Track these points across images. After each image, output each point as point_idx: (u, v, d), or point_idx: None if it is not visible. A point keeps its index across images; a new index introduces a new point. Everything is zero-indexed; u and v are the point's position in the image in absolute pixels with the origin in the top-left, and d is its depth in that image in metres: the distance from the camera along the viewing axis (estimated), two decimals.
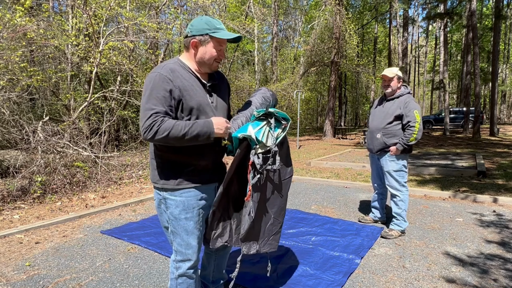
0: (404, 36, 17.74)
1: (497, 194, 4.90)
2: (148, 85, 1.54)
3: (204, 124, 1.54)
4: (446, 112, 17.58)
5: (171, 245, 1.78)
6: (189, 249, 1.69)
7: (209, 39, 1.60)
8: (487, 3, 27.46)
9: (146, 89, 1.53)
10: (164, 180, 1.63)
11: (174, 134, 1.47)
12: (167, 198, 1.65)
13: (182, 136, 1.48)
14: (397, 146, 3.24)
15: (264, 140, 1.72)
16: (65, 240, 3.25)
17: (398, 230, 3.29)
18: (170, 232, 1.72)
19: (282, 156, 1.90)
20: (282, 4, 24.35)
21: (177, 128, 1.48)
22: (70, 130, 6.13)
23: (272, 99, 1.96)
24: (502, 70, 31.42)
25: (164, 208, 1.68)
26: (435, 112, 37.88)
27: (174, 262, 1.75)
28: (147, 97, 1.51)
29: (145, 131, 1.46)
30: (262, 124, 1.75)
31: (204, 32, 1.59)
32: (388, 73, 3.31)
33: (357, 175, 6.59)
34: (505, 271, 2.56)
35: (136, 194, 5.10)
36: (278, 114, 1.81)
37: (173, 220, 1.67)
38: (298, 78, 17.42)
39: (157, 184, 1.66)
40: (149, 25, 7.65)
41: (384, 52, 32.61)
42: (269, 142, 1.75)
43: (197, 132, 1.52)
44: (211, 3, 11.32)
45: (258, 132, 1.71)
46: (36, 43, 6.79)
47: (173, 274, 1.77)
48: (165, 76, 1.54)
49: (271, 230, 1.94)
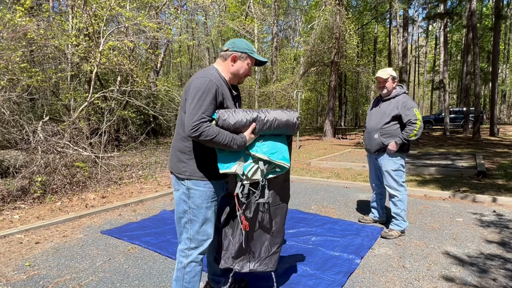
0: (404, 36, 17.74)
1: (497, 194, 4.90)
2: (200, 88, 1.72)
3: (241, 140, 1.78)
4: (446, 112, 17.58)
5: (179, 236, 1.89)
6: (204, 236, 1.86)
7: (246, 57, 1.90)
8: (487, 3, 27.45)
9: (198, 91, 1.71)
10: (190, 171, 1.81)
11: (217, 141, 1.70)
12: (191, 188, 1.81)
13: (223, 145, 1.72)
14: (396, 140, 3.23)
15: (250, 174, 1.83)
16: (65, 240, 3.26)
17: (398, 230, 3.29)
18: (187, 221, 1.84)
19: (275, 189, 1.96)
20: (282, 4, 24.35)
21: (220, 136, 1.71)
22: (70, 130, 6.13)
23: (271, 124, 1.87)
24: (502, 70, 31.42)
25: (186, 198, 1.83)
26: (435, 112, 37.89)
27: (185, 251, 1.85)
28: (198, 99, 1.70)
29: (192, 129, 1.66)
30: (251, 162, 1.86)
31: (243, 50, 1.89)
32: (382, 75, 3.30)
33: (357, 175, 6.59)
34: (504, 271, 2.56)
35: (136, 194, 5.10)
36: (272, 158, 1.85)
37: (194, 209, 1.83)
38: (298, 78, 17.41)
39: (182, 175, 1.82)
40: (149, 25, 7.65)
41: (384, 52, 32.60)
42: (256, 176, 1.85)
43: (235, 146, 1.75)
44: (211, 3, 11.33)
45: (246, 166, 1.83)
46: (36, 43, 6.80)
47: (181, 264, 1.85)
48: (214, 82, 1.76)
49: (267, 251, 2.01)
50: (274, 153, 1.87)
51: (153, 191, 5.34)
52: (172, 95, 8.62)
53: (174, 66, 25.09)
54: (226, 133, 1.73)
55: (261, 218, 1.97)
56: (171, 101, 9.10)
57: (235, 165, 1.80)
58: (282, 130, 1.90)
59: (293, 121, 1.90)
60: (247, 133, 1.81)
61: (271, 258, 2.02)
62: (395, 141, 3.24)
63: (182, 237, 1.88)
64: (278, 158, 1.86)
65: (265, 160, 1.86)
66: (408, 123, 3.20)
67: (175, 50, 25.81)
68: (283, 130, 1.90)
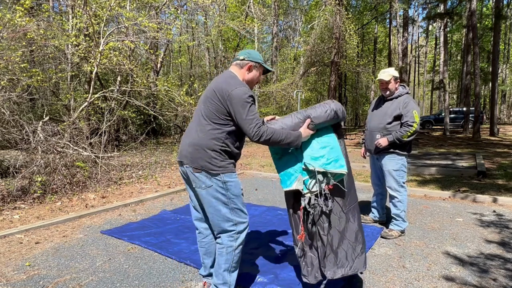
0: (404, 36, 17.73)
1: (497, 194, 4.91)
2: (244, 98, 1.90)
3: (296, 135, 1.98)
4: (446, 112, 17.58)
5: (217, 227, 2.02)
6: (245, 217, 2.07)
7: (259, 66, 2.13)
8: (487, 3, 27.45)
9: (244, 101, 1.90)
10: (224, 166, 1.98)
11: (275, 138, 1.92)
12: (227, 181, 1.97)
13: (281, 141, 1.93)
14: (389, 137, 3.20)
15: (311, 187, 1.99)
16: (65, 240, 3.26)
17: (398, 230, 3.29)
18: (230, 210, 2.00)
19: (341, 193, 2.09)
20: (282, 4, 24.34)
21: (277, 134, 1.93)
22: (70, 130, 6.13)
23: (330, 114, 2.07)
24: (502, 70, 31.40)
25: (224, 191, 1.98)
26: (435, 112, 37.86)
27: (234, 235, 2.02)
28: (248, 108, 1.90)
29: (254, 135, 1.89)
30: (309, 178, 2.00)
31: (258, 61, 2.11)
32: (384, 77, 3.26)
33: (357, 175, 6.59)
34: (504, 271, 2.56)
35: (136, 194, 5.10)
36: (328, 169, 1.98)
37: (234, 198, 2.01)
38: (298, 78, 17.41)
39: (216, 171, 1.95)
40: (149, 25, 7.65)
41: (384, 52, 32.58)
42: (317, 187, 1.99)
43: (291, 140, 1.96)
44: (211, 3, 11.33)
45: (307, 181, 1.99)
46: (36, 43, 6.79)
47: (232, 247, 2.02)
48: (249, 90, 1.99)
49: (353, 253, 2.11)
50: (329, 163, 1.99)
51: (153, 191, 5.34)
52: (172, 95, 8.62)
53: (174, 66, 25.09)
54: (281, 131, 1.96)
55: (338, 224, 2.08)
56: (171, 101, 9.09)
57: (295, 182, 1.99)
58: (333, 120, 2.09)
59: (335, 112, 2.08)
60: (302, 128, 2.02)
61: (359, 260, 2.12)
62: (387, 138, 3.22)
63: (223, 227, 2.02)
64: (335, 168, 2.00)
65: (323, 172, 1.98)
66: (405, 124, 3.17)
67: (175, 50, 25.81)
68: (333, 120, 2.09)
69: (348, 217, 2.12)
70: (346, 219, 2.11)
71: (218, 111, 1.93)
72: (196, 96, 11.62)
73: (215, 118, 1.94)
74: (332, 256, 2.04)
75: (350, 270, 2.07)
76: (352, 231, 2.12)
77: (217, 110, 1.94)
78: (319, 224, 2.02)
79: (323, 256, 2.02)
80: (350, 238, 2.11)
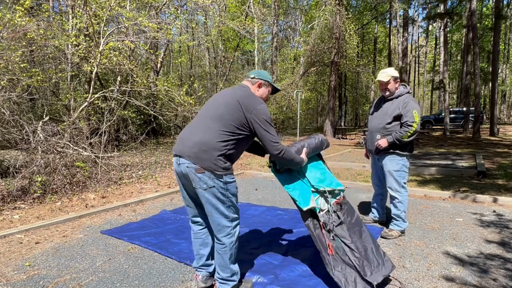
0: (404, 36, 17.73)
1: (497, 194, 4.91)
2: (267, 115, 2.14)
3: (301, 158, 2.36)
4: (446, 112, 17.58)
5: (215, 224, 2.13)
6: (238, 212, 2.23)
7: (268, 85, 2.37)
8: (487, 3, 27.45)
9: (267, 118, 2.13)
10: (227, 168, 2.12)
11: (289, 157, 2.22)
12: (228, 182, 2.11)
13: (292, 160, 2.26)
14: (388, 138, 3.19)
15: (322, 205, 2.37)
16: (65, 240, 3.26)
17: (398, 230, 3.29)
18: (226, 208, 2.12)
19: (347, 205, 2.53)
20: (282, 4, 24.32)
21: (292, 154, 2.25)
22: (70, 130, 6.13)
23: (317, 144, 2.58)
24: (502, 70, 31.40)
25: (224, 190, 2.09)
26: (435, 112, 37.87)
27: (230, 232, 2.14)
28: (270, 125, 2.14)
29: (277, 151, 2.15)
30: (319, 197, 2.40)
31: (267, 79, 2.35)
32: (382, 78, 3.24)
33: (357, 175, 6.59)
34: (504, 271, 2.56)
35: (136, 194, 5.10)
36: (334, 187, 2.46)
37: (232, 197, 2.15)
38: (298, 78, 17.40)
39: (220, 171, 2.06)
40: (149, 25, 7.65)
41: (384, 52, 32.57)
42: (326, 204, 2.39)
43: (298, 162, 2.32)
44: (211, 3, 11.33)
45: (317, 200, 2.36)
46: (36, 43, 6.79)
47: (232, 243, 2.15)
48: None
49: (380, 255, 2.34)
50: (331, 183, 2.48)
51: (153, 191, 5.34)
52: (172, 95, 8.62)
53: (174, 66, 25.08)
54: (292, 151, 2.30)
55: (357, 233, 2.40)
56: (171, 101, 9.09)
57: (311, 202, 2.30)
58: (320, 148, 2.60)
59: (322, 141, 2.60)
60: (303, 155, 2.40)
61: (387, 259, 2.35)
62: (387, 139, 3.21)
63: (222, 223, 2.13)
64: (336, 186, 2.48)
65: (329, 190, 2.41)
66: (404, 124, 3.14)
67: (175, 50, 25.80)
68: (320, 148, 2.60)
69: (360, 223, 2.47)
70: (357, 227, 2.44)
71: (236, 120, 2.08)
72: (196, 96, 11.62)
73: (229, 126, 2.08)
74: (366, 263, 2.24)
75: (385, 270, 2.26)
76: (367, 235, 2.41)
77: (236, 119, 2.08)
78: (341, 235, 2.31)
79: (360, 265, 2.20)
80: (368, 242, 2.37)
